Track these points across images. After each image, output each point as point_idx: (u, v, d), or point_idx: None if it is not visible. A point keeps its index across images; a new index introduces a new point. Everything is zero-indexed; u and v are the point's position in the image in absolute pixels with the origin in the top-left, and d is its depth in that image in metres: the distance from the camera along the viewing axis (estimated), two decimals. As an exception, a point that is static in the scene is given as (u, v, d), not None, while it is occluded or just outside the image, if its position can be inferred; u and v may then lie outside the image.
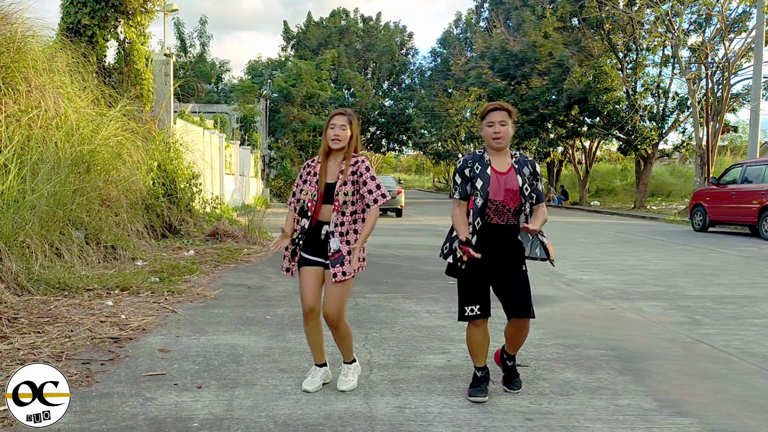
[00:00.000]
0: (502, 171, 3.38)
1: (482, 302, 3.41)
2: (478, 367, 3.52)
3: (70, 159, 7.42)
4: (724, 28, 21.29)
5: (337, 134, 3.41)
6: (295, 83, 31.04)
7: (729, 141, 36.09)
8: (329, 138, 3.43)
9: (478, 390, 3.44)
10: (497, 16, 37.17)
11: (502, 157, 3.43)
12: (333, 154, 3.49)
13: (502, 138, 3.36)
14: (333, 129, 3.42)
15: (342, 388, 3.51)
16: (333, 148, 3.43)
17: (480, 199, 3.34)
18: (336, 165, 3.48)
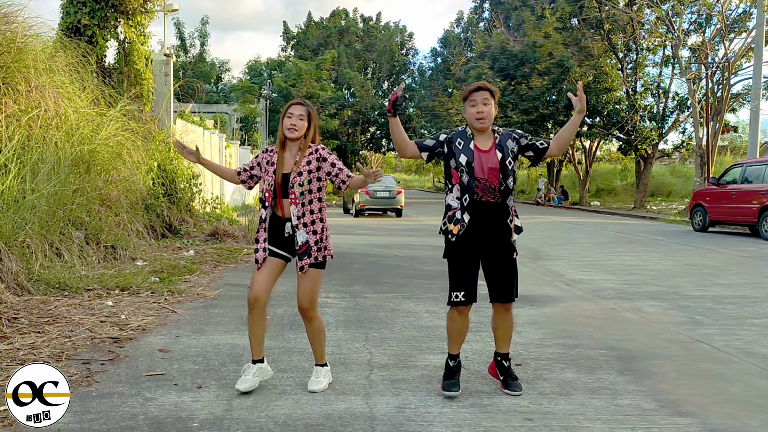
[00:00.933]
0: (484, 149, 3.39)
1: (467, 289, 3.40)
2: (451, 354, 3.54)
3: (70, 159, 7.42)
4: (724, 28, 21.30)
5: (294, 123, 3.37)
6: (295, 83, 31.08)
7: (729, 141, 36.09)
8: (285, 127, 3.38)
9: (451, 383, 3.46)
10: (497, 16, 37.18)
11: (486, 137, 3.43)
12: (288, 145, 3.44)
13: (485, 117, 3.35)
14: (290, 118, 3.37)
15: (312, 388, 3.45)
16: (288, 137, 3.38)
17: (466, 176, 3.35)
18: (291, 156, 3.43)
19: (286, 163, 3.42)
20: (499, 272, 3.44)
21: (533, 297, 6.44)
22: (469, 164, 3.34)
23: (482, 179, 3.35)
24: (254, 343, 3.52)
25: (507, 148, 3.40)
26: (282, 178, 3.39)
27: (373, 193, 20.62)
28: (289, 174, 3.39)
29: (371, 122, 47.01)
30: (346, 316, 5.46)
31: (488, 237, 3.39)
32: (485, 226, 3.38)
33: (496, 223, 3.39)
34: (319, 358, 3.59)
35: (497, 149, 3.38)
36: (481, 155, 3.37)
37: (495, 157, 3.36)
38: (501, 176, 3.35)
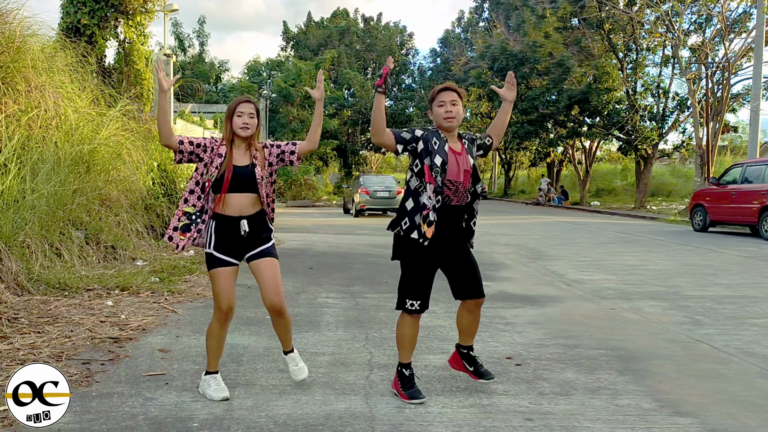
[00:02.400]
0: (458, 152, 3.37)
1: (424, 297, 3.38)
2: (404, 363, 3.44)
3: (70, 159, 7.42)
4: (724, 28, 21.29)
5: (246, 122, 3.33)
6: (295, 83, 31.07)
7: (729, 141, 36.08)
8: (237, 125, 3.33)
9: (416, 391, 3.38)
10: (497, 16, 37.19)
11: (455, 139, 3.41)
12: (237, 142, 3.39)
13: (453, 117, 3.33)
14: (241, 117, 3.33)
15: (301, 377, 3.47)
16: (242, 135, 3.34)
17: (439, 177, 3.27)
18: (242, 152, 3.37)
19: (237, 158, 3.35)
20: (464, 270, 3.41)
21: (533, 297, 6.44)
22: (443, 165, 3.28)
23: (456, 182, 3.30)
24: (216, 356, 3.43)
25: (473, 152, 3.42)
26: (235, 172, 3.29)
27: (373, 193, 20.63)
28: (245, 168, 3.32)
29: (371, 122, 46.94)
30: (346, 316, 5.46)
31: (451, 240, 3.37)
32: (451, 230, 3.35)
33: (462, 227, 3.38)
34: (287, 345, 3.56)
35: (467, 153, 3.37)
36: (456, 157, 3.34)
37: (468, 160, 3.35)
38: (473, 180, 3.34)
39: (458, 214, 3.36)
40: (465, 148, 3.39)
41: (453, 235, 3.37)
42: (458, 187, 3.31)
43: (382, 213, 21.87)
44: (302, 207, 26.34)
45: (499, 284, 7.14)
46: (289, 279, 7.25)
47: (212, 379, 3.40)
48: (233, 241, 3.35)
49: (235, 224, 3.33)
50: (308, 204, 27.43)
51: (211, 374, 3.41)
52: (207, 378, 3.41)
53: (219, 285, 3.35)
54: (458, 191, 3.32)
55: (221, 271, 3.34)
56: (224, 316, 3.39)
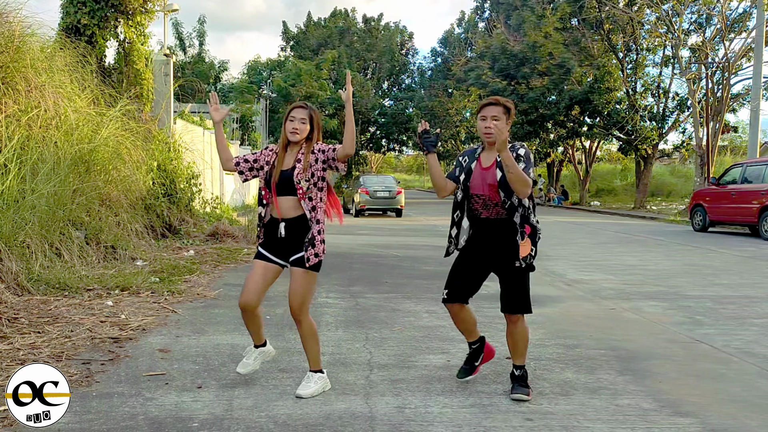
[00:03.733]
0: (486, 166, 3.40)
1: (452, 288, 3.51)
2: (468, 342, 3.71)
3: (69, 159, 7.42)
4: (724, 28, 21.30)
5: (296, 127, 3.37)
6: (295, 83, 31.07)
7: (729, 141, 36.08)
8: (288, 130, 3.39)
9: (461, 370, 3.68)
10: (498, 16, 37.18)
11: (492, 153, 3.41)
12: (291, 147, 3.45)
13: (492, 133, 3.32)
14: (293, 122, 3.39)
15: (300, 393, 3.36)
16: (291, 140, 3.40)
17: (460, 192, 3.44)
18: (292, 157, 3.43)
19: (286, 162, 3.43)
20: (504, 283, 3.47)
21: (533, 297, 6.39)
22: (465, 182, 3.41)
23: (481, 195, 3.37)
24: (254, 334, 3.64)
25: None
26: (280, 176, 3.38)
27: (373, 193, 20.63)
28: (288, 171, 3.38)
29: (371, 122, 46.98)
30: (346, 316, 5.46)
31: (492, 251, 3.41)
32: (487, 242, 3.40)
33: (499, 240, 3.38)
34: (312, 364, 3.49)
35: (497, 166, 3.35)
36: (482, 172, 3.39)
37: (495, 174, 3.34)
38: (503, 193, 3.31)
39: (490, 227, 3.39)
40: (497, 162, 3.35)
41: (490, 246, 3.40)
42: (484, 200, 3.37)
43: (382, 213, 21.87)
44: (302, 207, 26.28)
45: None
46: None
47: (249, 351, 3.65)
48: (275, 241, 3.46)
49: (276, 226, 3.43)
50: (308, 204, 27.38)
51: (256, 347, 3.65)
52: (248, 348, 3.68)
53: (249, 275, 3.49)
54: (486, 204, 3.37)
55: (256, 263, 3.49)
56: (241, 311, 3.53)
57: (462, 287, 3.50)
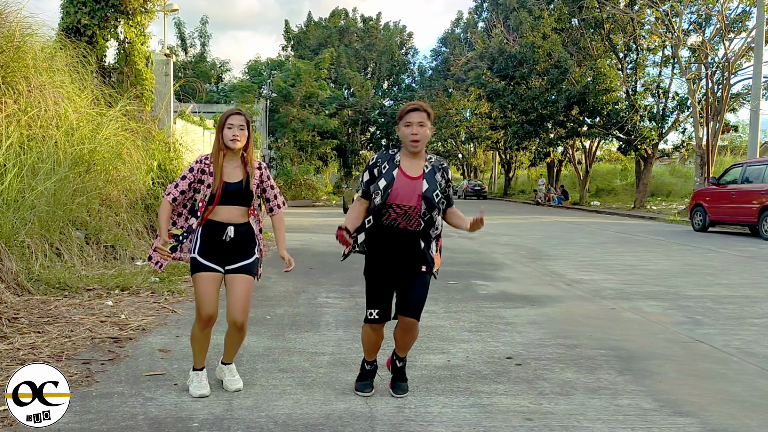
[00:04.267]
0: (414, 176, 3.28)
1: (382, 307, 3.36)
2: (368, 360, 3.57)
3: (69, 159, 7.42)
4: (724, 28, 21.29)
5: (235, 134, 3.32)
6: (294, 83, 31.06)
7: (729, 141, 36.10)
8: (227, 138, 3.32)
9: (364, 384, 3.51)
10: (497, 16, 37.19)
11: (417, 161, 3.32)
12: (228, 155, 3.39)
13: (419, 140, 3.25)
14: (231, 129, 3.33)
15: (237, 387, 3.44)
16: (232, 147, 3.33)
17: (379, 198, 3.25)
18: (233, 166, 3.39)
19: (229, 173, 3.36)
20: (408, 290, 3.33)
21: (533, 297, 6.44)
22: (386, 189, 3.24)
23: (404, 206, 3.24)
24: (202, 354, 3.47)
25: (435, 181, 3.29)
26: (225, 188, 3.32)
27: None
28: (238, 183, 3.35)
29: (371, 122, 46.98)
30: (346, 316, 5.45)
31: (401, 260, 3.30)
32: (397, 252, 3.29)
33: (410, 249, 3.29)
34: (230, 357, 3.55)
35: (425, 179, 3.27)
36: (410, 182, 3.26)
37: (422, 185, 3.26)
38: (426, 207, 3.24)
39: (408, 238, 3.28)
40: (425, 174, 3.29)
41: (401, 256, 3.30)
42: (407, 210, 3.25)
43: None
44: (302, 207, 26.34)
45: (499, 284, 7.14)
46: (289, 279, 7.24)
47: (195, 376, 3.45)
48: (218, 248, 3.33)
49: (222, 230, 3.33)
50: (308, 204, 27.44)
51: (196, 371, 3.46)
52: (192, 374, 3.48)
53: (200, 290, 3.32)
54: (408, 215, 3.25)
55: (203, 276, 3.32)
56: (205, 323, 3.38)
57: (388, 305, 3.39)
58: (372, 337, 3.47)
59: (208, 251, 3.34)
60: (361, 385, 3.51)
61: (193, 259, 3.35)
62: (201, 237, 3.36)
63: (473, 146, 51.72)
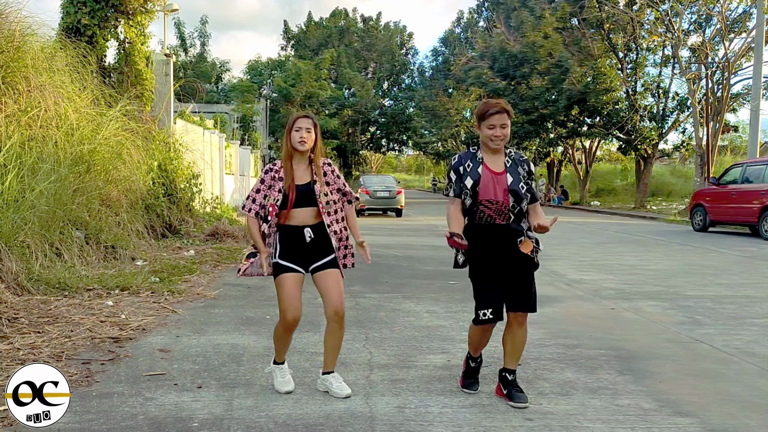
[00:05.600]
0: (498, 171, 3.36)
1: (495, 306, 3.37)
2: (473, 357, 3.59)
3: (70, 159, 7.42)
4: (724, 28, 21.29)
5: (303, 137, 3.37)
6: (295, 83, 31.07)
7: (729, 141, 36.09)
8: (295, 140, 3.38)
9: (471, 382, 3.55)
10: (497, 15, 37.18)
11: (498, 157, 3.39)
12: (297, 157, 3.45)
13: (501, 140, 3.34)
14: (299, 131, 3.39)
15: (348, 393, 3.43)
16: (299, 150, 3.39)
17: (469, 198, 3.33)
18: (303, 168, 3.45)
19: (299, 175, 3.43)
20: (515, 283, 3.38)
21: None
22: (474, 187, 3.32)
23: (494, 201, 3.31)
24: (284, 350, 3.57)
25: (519, 174, 3.35)
26: (297, 191, 3.39)
27: (373, 193, 20.64)
28: (306, 185, 3.41)
29: (371, 122, 46.99)
30: (346, 316, 5.44)
31: (504, 256, 3.35)
32: (498, 248, 3.35)
33: (509, 244, 3.34)
34: (332, 364, 3.53)
35: (509, 172, 3.34)
36: (494, 177, 3.33)
37: (507, 179, 3.33)
38: (514, 199, 3.30)
39: (505, 234, 3.34)
40: (507, 169, 3.35)
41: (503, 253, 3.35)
42: (498, 206, 3.31)
43: (382, 213, 21.87)
44: (302, 207, 26.30)
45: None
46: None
47: (278, 370, 3.55)
48: (298, 250, 3.42)
49: (300, 233, 3.40)
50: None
51: (278, 364, 3.56)
52: (274, 367, 3.57)
53: (284, 291, 3.38)
54: (499, 210, 3.31)
55: (286, 277, 3.39)
56: (288, 326, 3.43)
57: (501, 303, 3.43)
58: (482, 336, 3.53)
59: (289, 254, 3.41)
60: (468, 382, 3.57)
61: (275, 264, 3.42)
62: (279, 241, 3.43)
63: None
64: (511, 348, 3.46)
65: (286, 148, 3.46)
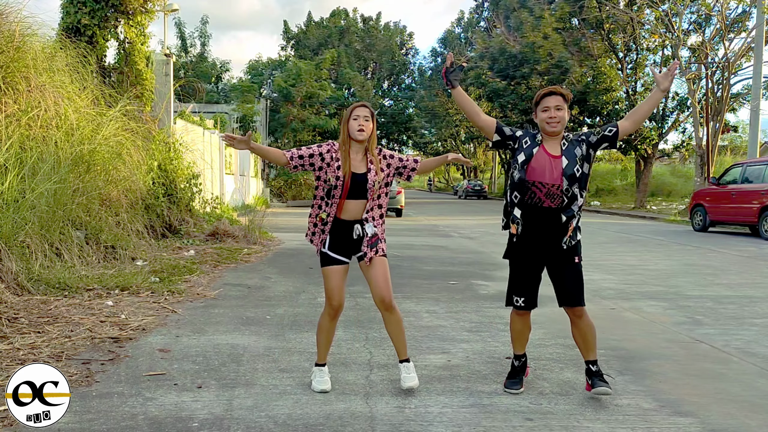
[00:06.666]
0: (555, 154, 3.35)
1: (528, 294, 3.43)
2: (516, 355, 3.62)
3: (70, 159, 7.42)
4: (723, 28, 21.30)
5: (362, 125, 3.40)
6: (295, 83, 31.06)
7: (729, 141, 36.10)
8: (354, 129, 3.41)
9: (513, 382, 3.55)
10: (497, 16, 37.19)
11: (556, 141, 3.39)
12: (354, 146, 3.48)
13: (558, 122, 3.34)
14: (357, 120, 3.41)
15: (410, 385, 3.44)
16: (358, 139, 3.42)
17: (517, 173, 3.36)
18: (359, 158, 3.47)
19: (356, 165, 3.45)
20: (562, 276, 3.40)
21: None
22: (523, 164, 3.33)
23: (546, 184, 3.31)
24: (325, 348, 3.61)
25: (575, 156, 3.35)
26: (353, 179, 3.41)
27: (373, 193, 20.59)
28: (362, 174, 3.43)
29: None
30: (346, 316, 5.44)
31: (550, 241, 3.35)
32: (546, 231, 3.35)
33: (556, 231, 3.34)
34: (403, 353, 3.54)
35: (564, 155, 3.34)
36: (550, 159, 3.34)
37: (561, 163, 3.33)
38: (567, 182, 3.30)
39: (551, 216, 3.33)
40: (563, 152, 3.36)
41: (548, 235, 3.35)
42: (550, 189, 3.31)
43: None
44: (302, 207, 26.34)
45: (499, 284, 7.14)
46: (289, 279, 7.25)
47: (318, 371, 3.58)
48: (346, 243, 3.49)
49: (350, 228, 3.46)
50: (308, 204, 27.40)
51: (318, 366, 3.59)
52: (315, 369, 3.61)
53: (331, 282, 3.49)
54: (551, 193, 3.31)
55: (334, 269, 3.49)
56: (334, 312, 3.53)
57: (535, 291, 3.45)
58: (518, 324, 3.57)
59: (337, 246, 3.49)
60: (510, 382, 3.56)
61: (323, 254, 3.52)
62: (330, 232, 3.50)
63: (473, 146, 51.75)
64: (581, 341, 3.49)
65: (343, 137, 3.48)
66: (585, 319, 3.44)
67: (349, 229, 3.47)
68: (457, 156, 3.61)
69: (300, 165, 3.43)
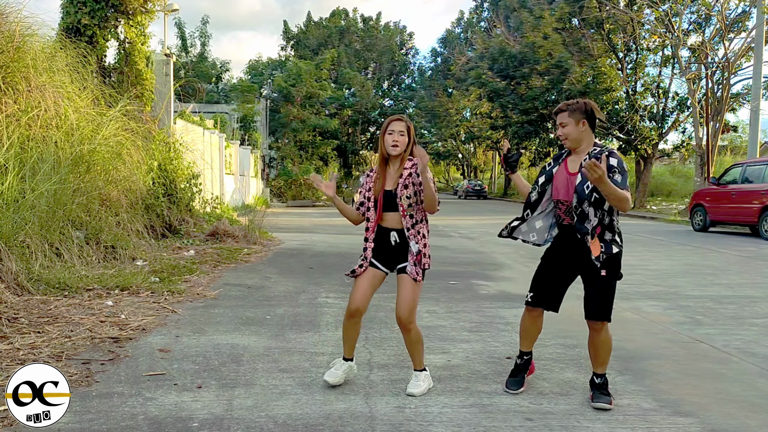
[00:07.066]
0: (573, 171, 3.37)
1: (539, 292, 3.50)
2: (520, 351, 3.65)
3: (70, 159, 7.42)
4: (723, 28, 21.30)
5: (396, 140, 3.39)
6: (295, 83, 31.08)
7: (729, 141, 36.11)
8: (388, 144, 3.40)
9: (513, 381, 3.57)
10: (497, 16, 37.20)
11: (578, 157, 3.39)
12: (392, 161, 3.48)
13: (566, 139, 3.38)
14: (392, 135, 3.40)
15: (411, 391, 3.45)
16: (392, 154, 3.42)
17: (535, 194, 3.46)
18: (394, 172, 3.47)
19: (389, 180, 3.47)
20: (587, 289, 3.40)
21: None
22: (543, 185, 3.43)
23: (566, 202, 3.35)
24: (348, 344, 3.63)
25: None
26: (384, 195, 3.44)
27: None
28: (391, 191, 3.44)
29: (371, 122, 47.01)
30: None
31: (576, 256, 3.37)
32: (570, 247, 3.39)
33: (578, 245, 3.35)
34: (417, 364, 3.56)
35: (580, 172, 3.32)
36: (568, 177, 3.36)
37: (575, 180, 3.33)
38: (576, 200, 3.28)
39: (570, 233, 3.38)
40: (580, 168, 3.33)
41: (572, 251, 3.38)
42: (568, 206, 3.35)
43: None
44: (302, 207, 26.35)
45: (499, 284, 7.14)
46: (289, 279, 7.25)
47: (339, 363, 3.62)
48: (386, 250, 3.51)
49: (388, 235, 3.49)
50: (308, 204, 27.43)
51: (344, 360, 3.63)
52: (337, 360, 3.66)
53: (357, 282, 3.54)
54: (569, 210, 3.35)
55: (366, 272, 3.53)
56: (349, 314, 3.54)
57: (547, 292, 3.49)
58: (526, 321, 3.62)
59: (378, 253, 3.53)
60: (510, 381, 3.58)
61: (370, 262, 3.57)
62: (375, 240, 3.54)
63: (473, 146, 51.75)
64: (593, 353, 3.47)
65: (380, 152, 3.49)
66: (602, 335, 3.39)
67: (387, 236, 3.49)
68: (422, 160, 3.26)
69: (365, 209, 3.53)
